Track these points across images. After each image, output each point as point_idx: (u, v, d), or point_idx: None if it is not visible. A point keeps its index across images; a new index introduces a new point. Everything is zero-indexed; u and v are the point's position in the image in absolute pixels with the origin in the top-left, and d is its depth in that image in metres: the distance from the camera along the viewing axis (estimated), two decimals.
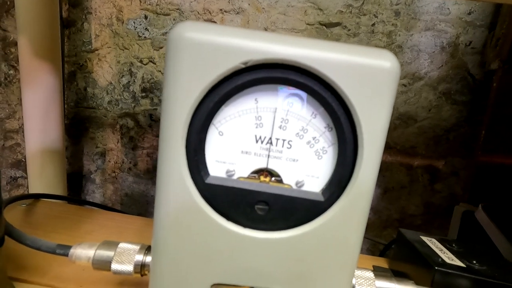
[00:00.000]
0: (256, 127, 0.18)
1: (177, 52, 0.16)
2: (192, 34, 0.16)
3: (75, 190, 0.66)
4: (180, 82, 0.17)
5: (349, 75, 0.16)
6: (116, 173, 0.66)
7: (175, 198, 0.18)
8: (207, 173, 0.19)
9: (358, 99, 0.17)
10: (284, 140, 0.18)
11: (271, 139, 0.18)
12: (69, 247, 0.22)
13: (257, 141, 0.18)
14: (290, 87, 0.18)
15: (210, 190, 0.18)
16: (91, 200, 0.67)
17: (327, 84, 0.17)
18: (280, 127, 0.18)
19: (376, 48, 0.17)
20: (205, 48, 0.16)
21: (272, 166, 0.19)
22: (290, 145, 0.18)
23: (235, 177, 0.19)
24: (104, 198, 0.67)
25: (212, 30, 0.17)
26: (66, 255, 0.22)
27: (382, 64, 0.16)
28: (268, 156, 0.19)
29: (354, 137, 0.18)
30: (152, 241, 0.20)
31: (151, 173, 0.65)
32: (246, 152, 0.19)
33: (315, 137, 0.18)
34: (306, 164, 0.19)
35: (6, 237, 0.24)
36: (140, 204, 0.66)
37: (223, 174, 0.19)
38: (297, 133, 0.18)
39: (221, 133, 0.18)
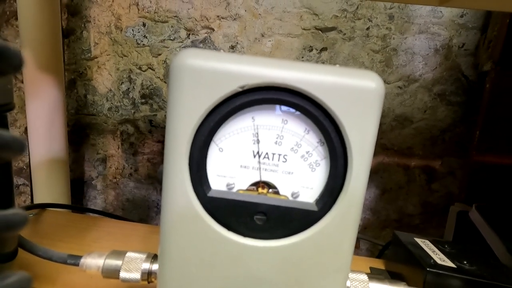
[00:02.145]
0: (254, 143, 0.19)
1: (180, 77, 0.18)
2: (193, 61, 0.18)
3: (77, 196, 0.67)
4: (183, 105, 0.18)
5: (337, 96, 0.18)
6: (117, 179, 0.67)
7: (180, 210, 0.20)
8: (208, 187, 0.20)
9: (346, 118, 0.18)
10: (279, 155, 0.20)
11: (268, 153, 0.20)
12: (80, 257, 0.24)
13: (254, 156, 0.20)
14: (284, 106, 0.19)
15: (212, 202, 0.20)
16: (92, 206, 0.68)
17: (318, 103, 0.18)
18: (275, 142, 0.19)
19: (362, 70, 0.18)
20: (206, 74, 0.18)
21: (269, 178, 0.20)
22: (286, 159, 0.20)
23: (234, 189, 0.20)
24: (105, 204, 0.68)
25: (211, 57, 0.18)
26: (77, 264, 0.23)
27: (368, 85, 0.18)
28: (265, 169, 0.20)
29: (344, 151, 0.19)
30: (159, 250, 0.21)
31: (151, 178, 0.66)
32: (245, 167, 0.20)
33: (309, 151, 0.20)
34: (300, 176, 0.20)
35: (18, 248, 0.25)
36: (141, 209, 0.67)
37: (223, 187, 0.20)
38: (292, 148, 0.20)
39: (221, 150, 0.20)
